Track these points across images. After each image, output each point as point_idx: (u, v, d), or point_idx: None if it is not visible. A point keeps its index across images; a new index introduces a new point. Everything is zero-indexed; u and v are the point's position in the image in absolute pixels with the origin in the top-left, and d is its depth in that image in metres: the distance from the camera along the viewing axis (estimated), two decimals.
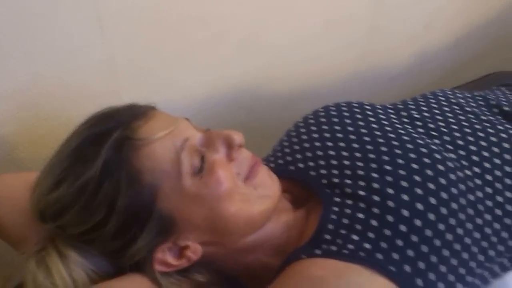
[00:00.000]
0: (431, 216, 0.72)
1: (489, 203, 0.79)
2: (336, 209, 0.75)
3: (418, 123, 0.87)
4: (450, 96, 0.95)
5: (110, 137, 0.68)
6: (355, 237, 0.71)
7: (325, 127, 0.87)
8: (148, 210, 0.68)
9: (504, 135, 0.85)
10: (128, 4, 1.00)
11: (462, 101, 0.93)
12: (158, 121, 0.72)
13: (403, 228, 0.71)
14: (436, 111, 0.90)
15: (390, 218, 0.72)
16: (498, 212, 0.79)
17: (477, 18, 1.66)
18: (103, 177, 0.66)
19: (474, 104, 0.93)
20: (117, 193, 0.67)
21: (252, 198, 0.74)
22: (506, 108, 0.92)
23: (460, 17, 1.61)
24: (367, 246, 0.70)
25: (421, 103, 0.93)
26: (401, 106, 0.93)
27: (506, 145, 0.84)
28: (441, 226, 0.72)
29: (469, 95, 0.96)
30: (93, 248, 0.70)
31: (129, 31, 1.02)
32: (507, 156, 0.83)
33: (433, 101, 0.93)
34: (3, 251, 0.88)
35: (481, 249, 0.76)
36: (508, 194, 0.80)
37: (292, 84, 1.32)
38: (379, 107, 0.91)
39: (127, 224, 0.68)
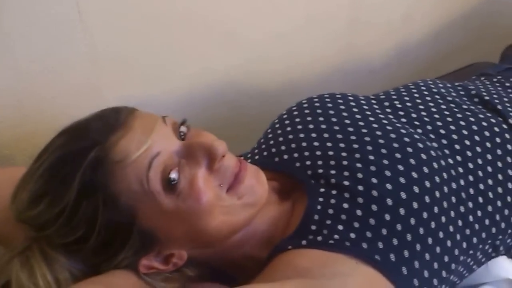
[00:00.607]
0: (415, 205, 0.73)
1: (471, 190, 0.80)
2: (321, 199, 0.76)
3: (401, 112, 0.88)
4: (431, 85, 0.96)
5: (86, 158, 0.66)
6: (340, 227, 0.72)
7: (309, 118, 0.87)
8: (128, 229, 0.67)
9: (485, 124, 0.86)
10: None
11: (443, 90, 0.94)
12: (136, 133, 0.68)
13: (387, 217, 0.72)
14: (418, 101, 0.91)
15: (374, 207, 0.72)
16: (481, 199, 0.80)
17: (457, 10, 1.67)
18: (80, 200, 0.65)
19: (455, 94, 0.94)
20: (96, 214, 0.66)
21: (235, 209, 0.72)
22: (486, 98, 0.93)
23: (439, 8, 1.62)
24: (353, 235, 0.71)
25: (403, 93, 0.94)
26: (383, 97, 0.93)
27: (487, 133, 0.85)
28: (425, 215, 0.73)
29: (449, 85, 0.98)
30: (77, 257, 0.69)
31: (111, 26, 1.02)
32: (488, 144, 0.84)
33: (415, 90, 0.94)
34: None
35: (464, 236, 0.77)
36: (490, 181, 0.82)
37: (274, 78, 1.33)
38: (361, 98, 0.92)
39: (108, 241, 0.67)
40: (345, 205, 0.73)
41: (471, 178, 0.81)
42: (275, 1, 1.23)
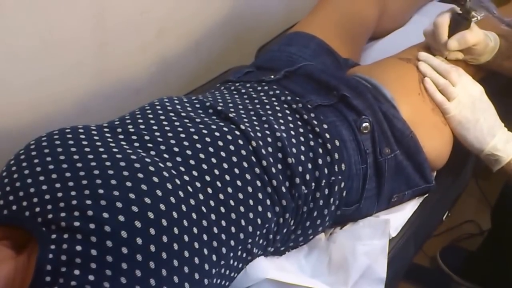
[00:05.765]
0: (152, 231, 0.72)
1: (212, 203, 0.80)
2: (53, 247, 0.71)
3: (133, 137, 0.86)
4: (166, 103, 0.95)
5: None
6: (76, 272, 0.68)
7: (36, 160, 0.81)
8: None
9: (217, 134, 0.88)
10: None
11: (179, 107, 0.94)
12: None
13: (125, 250, 0.69)
14: (152, 121, 0.90)
15: (109, 243, 0.70)
16: (223, 209, 0.81)
17: (213, 17, 1.70)
18: None
19: (190, 108, 0.95)
20: None
21: None
22: (220, 108, 0.94)
23: (195, 18, 1.63)
24: (91, 277, 0.68)
25: (137, 115, 0.92)
26: (117, 123, 0.91)
27: (220, 143, 0.87)
28: (165, 238, 0.72)
29: (186, 100, 0.98)
30: None
31: None
32: (223, 154, 0.86)
33: (149, 111, 0.93)
34: None
35: (213, 249, 0.78)
36: (229, 189, 0.83)
37: (19, 115, 1.22)
38: (93, 128, 0.88)
39: None
40: (78, 248, 0.69)
41: (209, 190, 0.81)
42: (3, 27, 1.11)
